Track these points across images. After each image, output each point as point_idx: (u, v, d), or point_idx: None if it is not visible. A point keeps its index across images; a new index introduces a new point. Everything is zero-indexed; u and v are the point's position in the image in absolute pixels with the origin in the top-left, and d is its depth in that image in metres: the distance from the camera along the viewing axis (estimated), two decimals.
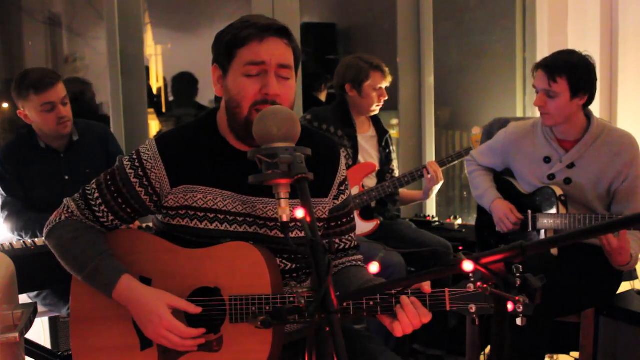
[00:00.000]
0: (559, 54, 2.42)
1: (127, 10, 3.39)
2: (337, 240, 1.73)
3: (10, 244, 2.29)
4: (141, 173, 1.59)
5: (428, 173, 3.07)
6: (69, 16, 3.82)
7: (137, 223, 2.49)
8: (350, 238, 1.75)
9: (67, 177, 2.75)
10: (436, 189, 3.13)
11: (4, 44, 3.74)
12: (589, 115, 2.47)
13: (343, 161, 1.73)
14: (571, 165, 2.46)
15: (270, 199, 1.59)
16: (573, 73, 2.34)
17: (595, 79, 2.40)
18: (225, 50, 1.55)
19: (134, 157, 1.61)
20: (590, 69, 2.38)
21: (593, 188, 2.43)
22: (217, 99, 1.67)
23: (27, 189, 2.70)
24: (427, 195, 3.19)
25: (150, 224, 2.48)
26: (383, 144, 3.21)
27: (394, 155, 3.27)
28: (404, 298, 1.43)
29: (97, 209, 1.61)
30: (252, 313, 1.49)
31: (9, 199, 2.69)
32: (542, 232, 2.50)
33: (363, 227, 3.05)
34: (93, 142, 2.87)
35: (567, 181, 2.46)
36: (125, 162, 1.61)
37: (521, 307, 1.28)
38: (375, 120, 3.24)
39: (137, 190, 1.59)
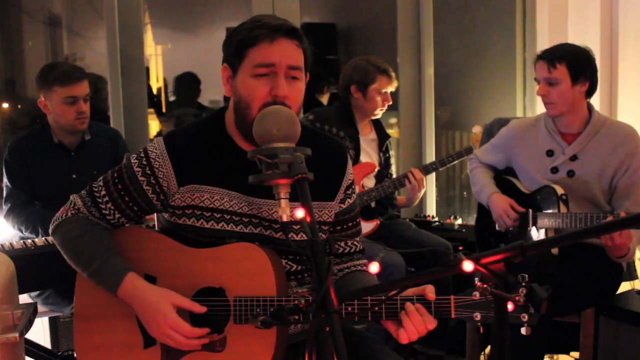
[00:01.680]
0: (558, 45, 2.47)
1: (127, 10, 3.39)
2: (342, 244, 1.72)
3: (10, 244, 2.29)
4: (148, 171, 1.58)
5: (410, 182, 3.05)
6: (69, 16, 3.82)
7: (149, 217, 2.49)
8: (355, 242, 1.74)
9: (74, 176, 2.77)
10: (419, 196, 3.11)
11: (4, 44, 3.75)
12: (590, 109, 2.47)
13: (350, 165, 1.72)
14: (574, 158, 2.46)
15: (275, 200, 1.59)
16: (572, 58, 2.38)
17: (596, 68, 2.43)
18: (236, 49, 1.54)
19: (142, 155, 1.61)
20: (589, 56, 2.43)
21: (597, 180, 2.43)
22: (226, 99, 1.67)
23: (34, 184, 2.72)
24: (410, 202, 3.17)
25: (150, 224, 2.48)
26: (383, 148, 3.21)
27: (392, 160, 3.27)
28: (408, 305, 1.42)
29: (103, 206, 1.61)
30: (251, 314, 1.49)
31: (14, 191, 2.71)
32: (543, 231, 2.50)
33: (363, 227, 3.03)
34: (104, 143, 2.89)
35: (571, 174, 2.46)
36: (132, 160, 1.61)
37: (526, 317, 1.28)
38: (377, 124, 3.24)
39: (144, 189, 1.59)
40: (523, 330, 1.27)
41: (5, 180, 2.73)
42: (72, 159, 2.79)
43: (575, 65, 2.38)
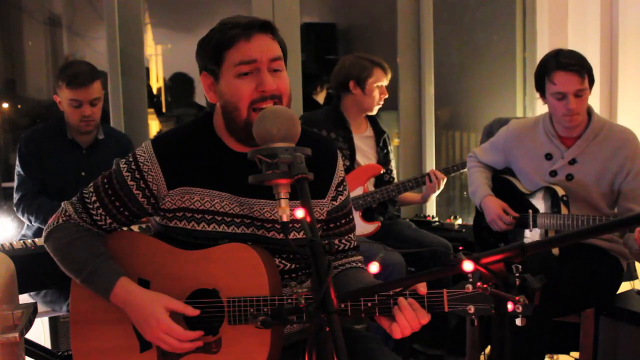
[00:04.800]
0: (565, 53, 2.41)
1: (127, 10, 3.39)
2: (336, 241, 1.71)
3: (10, 244, 2.29)
4: (138, 176, 1.58)
5: (430, 181, 3.09)
6: (69, 16, 3.82)
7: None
8: (349, 239, 1.74)
9: (83, 174, 2.79)
10: (435, 195, 3.16)
11: (4, 44, 3.75)
12: (590, 112, 2.47)
13: (340, 162, 1.72)
14: (573, 162, 2.46)
15: (267, 200, 1.59)
16: (588, 66, 2.38)
17: None
18: (213, 55, 1.54)
19: (130, 159, 1.60)
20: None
21: (596, 184, 2.43)
22: (210, 105, 1.67)
23: (44, 176, 2.75)
24: (425, 200, 3.24)
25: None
26: (381, 144, 3.21)
27: (391, 156, 3.27)
28: (401, 300, 1.42)
29: (94, 212, 1.61)
30: (250, 314, 1.49)
31: (27, 180, 2.73)
32: (541, 231, 2.50)
33: (364, 228, 3.05)
34: (115, 146, 2.92)
35: (569, 177, 2.46)
36: (121, 165, 1.61)
37: (520, 308, 1.28)
38: (373, 121, 3.25)
39: (134, 193, 1.59)
40: (518, 322, 1.26)
41: (18, 169, 2.76)
42: (83, 157, 2.83)
43: (591, 71, 2.38)
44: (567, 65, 2.34)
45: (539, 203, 2.51)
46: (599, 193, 2.44)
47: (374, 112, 3.18)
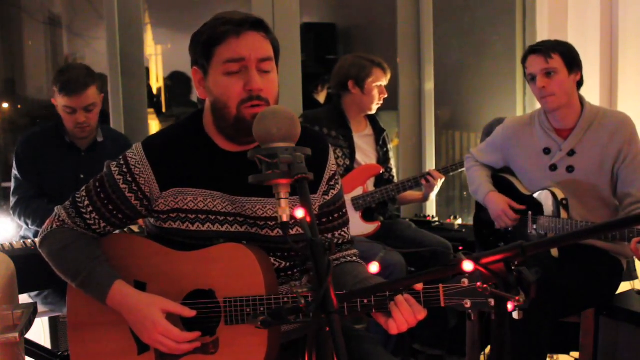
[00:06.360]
0: (541, 41, 2.50)
1: (127, 10, 3.39)
2: (329, 235, 1.71)
3: (10, 244, 2.29)
4: (130, 179, 1.58)
5: (427, 182, 3.10)
6: (69, 16, 3.82)
7: (141, 222, 2.50)
8: (343, 233, 1.73)
9: (82, 176, 2.77)
10: (434, 193, 3.17)
11: (4, 44, 3.75)
12: (582, 101, 2.47)
13: (332, 156, 1.71)
14: (572, 153, 2.46)
15: (258, 198, 1.59)
16: (563, 49, 2.42)
17: (581, 61, 2.47)
18: (203, 50, 1.54)
19: (122, 162, 1.60)
20: (575, 49, 2.47)
21: (598, 173, 2.42)
22: (200, 101, 1.66)
23: (41, 180, 2.74)
24: (425, 199, 3.25)
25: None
26: (380, 142, 3.22)
27: (390, 154, 3.28)
28: (397, 296, 1.42)
29: (88, 216, 1.61)
30: (249, 314, 1.49)
31: (24, 183, 2.72)
32: (543, 233, 2.50)
33: (364, 228, 3.05)
34: (114, 148, 2.88)
35: (570, 169, 2.46)
36: (113, 169, 1.60)
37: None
38: (372, 119, 3.25)
39: (126, 196, 1.58)
40: (515, 315, 1.26)
41: (14, 172, 2.75)
42: (82, 159, 2.80)
43: (568, 54, 2.42)
44: (532, 48, 2.46)
45: (539, 205, 2.50)
46: (603, 181, 2.43)
47: (374, 112, 3.19)
